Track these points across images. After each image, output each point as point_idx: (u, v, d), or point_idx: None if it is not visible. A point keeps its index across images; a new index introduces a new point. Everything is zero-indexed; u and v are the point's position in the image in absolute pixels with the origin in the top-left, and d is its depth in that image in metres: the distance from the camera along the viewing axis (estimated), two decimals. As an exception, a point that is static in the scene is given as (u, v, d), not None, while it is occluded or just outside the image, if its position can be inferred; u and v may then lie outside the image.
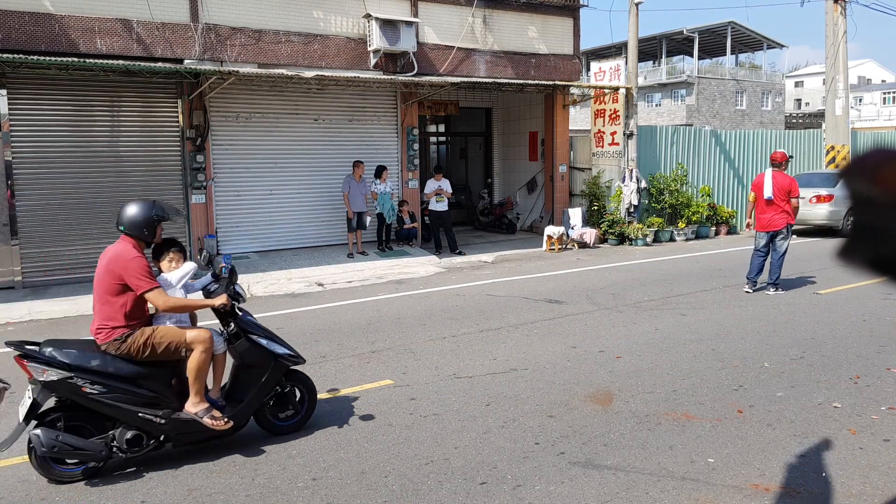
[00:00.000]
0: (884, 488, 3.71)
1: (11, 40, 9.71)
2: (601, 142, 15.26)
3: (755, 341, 6.65)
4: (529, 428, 4.62)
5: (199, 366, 4.22)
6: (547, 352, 6.42)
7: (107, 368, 4.05)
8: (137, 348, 4.11)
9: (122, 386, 4.06)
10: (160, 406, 4.16)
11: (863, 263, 0.83)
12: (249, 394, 4.45)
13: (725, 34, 40.88)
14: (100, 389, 3.99)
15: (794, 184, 8.76)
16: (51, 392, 3.96)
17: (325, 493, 3.79)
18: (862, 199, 0.80)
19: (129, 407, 4.05)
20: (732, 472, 3.93)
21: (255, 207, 12.36)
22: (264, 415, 4.61)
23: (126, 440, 4.07)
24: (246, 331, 4.51)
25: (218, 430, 4.25)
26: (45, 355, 3.95)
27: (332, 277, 10.79)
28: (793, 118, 40.76)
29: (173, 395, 4.27)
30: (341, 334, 7.31)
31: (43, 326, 8.08)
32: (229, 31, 11.28)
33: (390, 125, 13.55)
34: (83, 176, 10.77)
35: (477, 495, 3.71)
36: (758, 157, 17.02)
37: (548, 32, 14.56)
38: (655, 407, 4.97)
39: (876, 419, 4.66)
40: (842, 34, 16.60)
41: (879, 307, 7.92)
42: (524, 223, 16.60)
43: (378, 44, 12.08)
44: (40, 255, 10.47)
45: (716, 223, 15.80)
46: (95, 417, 4.09)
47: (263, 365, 4.49)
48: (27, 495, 3.85)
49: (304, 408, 4.75)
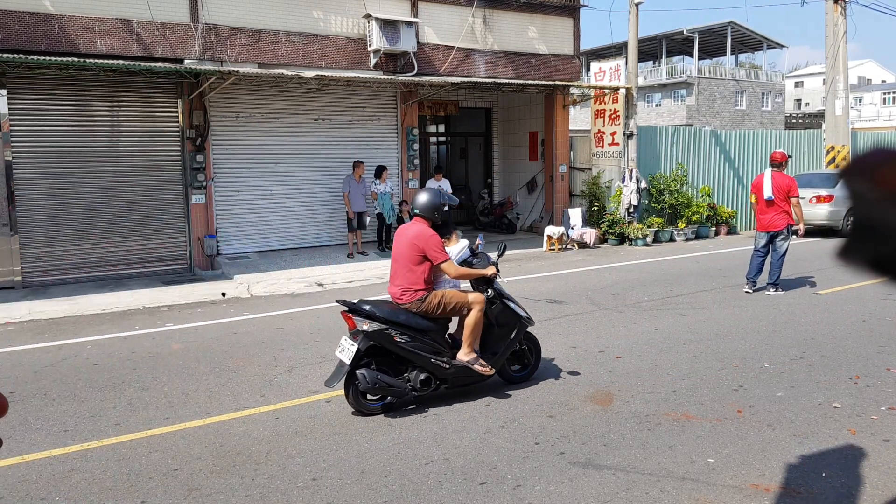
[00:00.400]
0: (884, 488, 3.70)
1: (11, 40, 9.71)
2: (601, 142, 15.26)
3: (755, 341, 6.65)
4: (529, 428, 4.62)
5: (475, 322, 5.15)
6: (547, 352, 6.42)
7: (409, 323, 5.00)
8: (433, 307, 5.07)
9: (419, 337, 5.01)
10: (443, 354, 5.08)
11: (863, 263, 0.83)
12: (501, 347, 5.35)
13: (725, 34, 40.88)
14: (405, 339, 4.94)
15: (794, 184, 8.76)
16: (369, 340, 4.86)
17: (325, 493, 3.78)
18: (862, 200, 0.80)
19: (424, 354, 4.99)
20: (732, 472, 3.93)
21: (255, 207, 12.36)
22: (504, 367, 5.48)
23: (420, 381, 4.99)
24: (502, 295, 5.42)
25: (485, 375, 5.20)
26: (367, 310, 4.92)
27: (332, 277, 10.79)
28: (793, 118, 40.76)
29: (448, 347, 5.20)
30: (341, 334, 7.28)
31: (43, 326, 8.08)
32: (229, 31, 11.28)
33: (390, 125, 13.55)
34: (83, 176, 10.77)
35: (477, 495, 3.71)
36: (758, 157, 17.02)
37: (548, 32, 14.56)
38: (655, 407, 4.97)
39: (876, 419, 4.66)
40: (842, 34, 16.60)
41: (879, 307, 7.92)
42: (524, 223, 16.60)
43: (378, 44, 12.08)
44: (40, 255, 10.47)
45: (716, 223, 15.80)
46: (395, 363, 5.01)
47: (512, 324, 5.39)
48: (27, 495, 3.85)
49: (532, 363, 5.65)
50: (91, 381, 5.86)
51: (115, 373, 6.09)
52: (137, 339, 7.38)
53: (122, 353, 6.75)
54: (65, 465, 4.22)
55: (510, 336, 5.38)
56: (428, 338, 5.05)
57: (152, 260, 11.31)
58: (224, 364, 6.29)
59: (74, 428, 4.81)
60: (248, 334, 7.43)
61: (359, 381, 4.81)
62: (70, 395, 5.52)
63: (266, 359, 6.42)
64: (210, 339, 7.29)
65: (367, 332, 4.85)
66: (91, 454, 4.37)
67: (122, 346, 7.09)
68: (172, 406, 5.22)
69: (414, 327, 5.01)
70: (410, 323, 5.01)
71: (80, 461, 4.27)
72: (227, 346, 6.96)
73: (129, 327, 7.90)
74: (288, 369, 6.08)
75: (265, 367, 6.15)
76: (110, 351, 6.88)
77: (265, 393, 5.47)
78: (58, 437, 4.64)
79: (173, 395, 5.46)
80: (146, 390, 5.60)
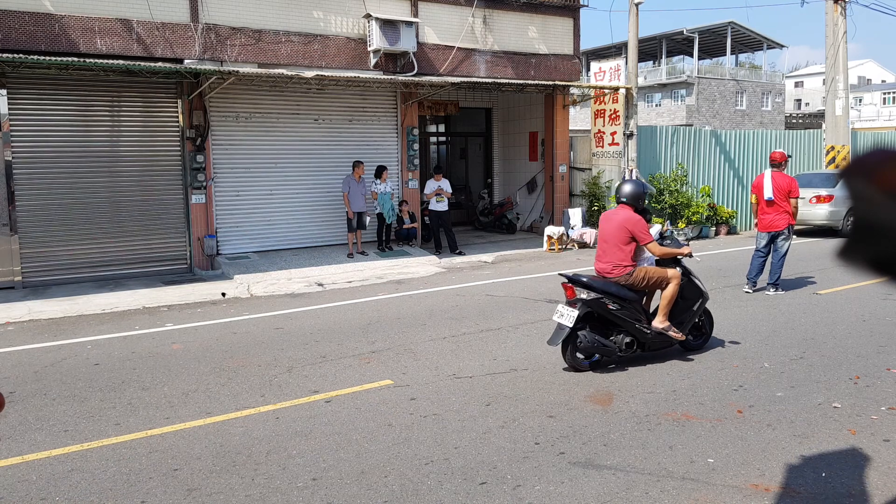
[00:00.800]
0: (884, 488, 3.71)
1: (11, 40, 9.71)
2: (601, 142, 15.26)
3: (755, 341, 6.65)
4: (529, 428, 4.62)
5: (672, 294, 5.92)
6: (547, 352, 6.41)
7: (619, 293, 5.80)
8: (639, 280, 5.87)
9: (626, 305, 5.80)
10: (641, 322, 5.84)
11: (863, 263, 0.83)
12: (686, 317, 6.10)
13: (725, 34, 40.89)
14: (616, 307, 5.75)
15: (794, 184, 8.76)
16: (587, 307, 5.66)
17: (325, 493, 3.78)
18: (862, 200, 0.80)
19: (630, 320, 5.79)
20: (732, 472, 3.93)
21: (255, 207, 12.36)
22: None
23: (625, 343, 5.81)
24: (689, 273, 6.12)
25: (678, 339, 5.98)
26: (585, 282, 5.77)
27: (332, 277, 10.79)
28: (793, 118, 40.75)
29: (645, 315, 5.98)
30: (341, 334, 7.31)
31: (43, 326, 8.08)
32: (229, 31, 11.28)
33: (390, 125, 13.55)
34: (83, 176, 10.77)
35: (477, 495, 3.71)
36: (758, 157, 17.02)
37: (548, 32, 14.56)
38: (655, 407, 4.97)
39: (876, 419, 4.66)
40: (842, 34, 16.60)
41: (879, 307, 7.92)
42: (524, 223, 16.60)
43: (378, 44, 12.08)
44: (40, 255, 10.47)
45: (716, 223, 15.80)
46: (601, 327, 5.78)
47: (696, 298, 6.14)
48: (27, 495, 3.85)
49: (707, 332, 6.41)
50: (91, 381, 5.86)
51: (115, 373, 6.09)
52: (137, 339, 7.38)
53: (122, 353, 6.75)
54: (65, 465, 4.22)
55: (693, 307, 6.13)
56: (632, 307, 5.84)
57: (152, 260, 11.31)
58: (224, 364, 6.29)
59: (74, 428, 4.81)
60: (248, 334, 7.43)
61: (580, 341, 5.65)
62: (70, 395, 5.52)
63: (266, 359, 6.42)
64: (210, 339, 7.30)
65: (586, 301, 5.69)
66: (91, 454, 4.37)
67: (122, 346, 7.09)
68: (172, 406, 5.22)
69: (622, 297, 5.80)
70: (619, 293, 5.80)
71: (80, 461, 4.27)
72: (227, 346, 6.96)
73: (129, 327, 7.90)
74: (288, 369, 6.08)
75: (265, 367, 6.15)
76: (110, 351, 6.88)
77: (265, 393, 5.47)
78: (58, 437, 4.64)
79: (173, 395, 5.46)
80: (146, 390, 5.60)
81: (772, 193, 8.68)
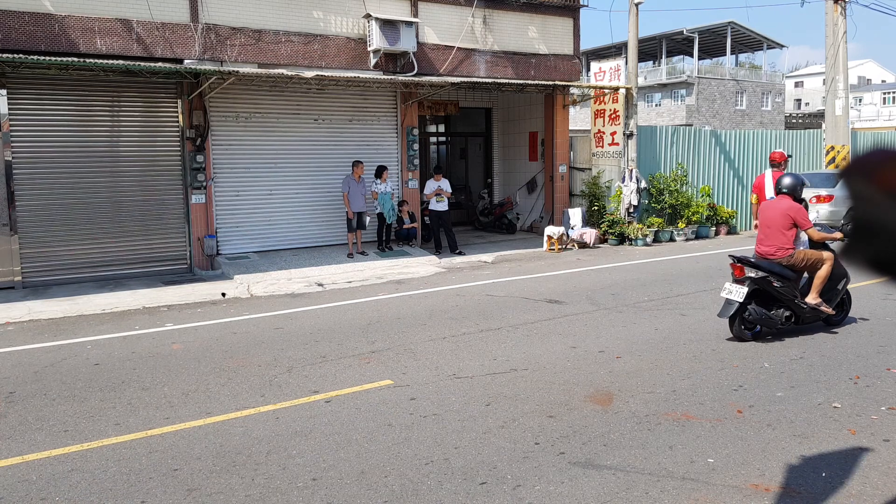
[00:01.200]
0: (884, 488, 3.71)
1: (11, 40, 9.71)
2: (601, 142, 15.26)
3: (755, 341, 6.65)
4: (529, 428, 4.62)
5: (825, 274, 6.64)
6: (547, 352, 6.42)
7: (781, 273, 6.55)
8: (799, 261, 6.61)
9: (787, 283, 6.54)
10: (799, 298, 6.59)
11: (863, 263, 0.83)
12: (832, 295, 6.82)
13: (725, 34, 40.88)
14: (780, 285, 6.49)
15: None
16: (755, 284, 6.42)
17: (325, 493, 3.78)
18: (862, 200, 0.80)
19: (790, 296, 6.54)
20: (732, 472, 3.93)
21: (255, 207, 12.36)
22: None
23: (784, 317, 6.58)
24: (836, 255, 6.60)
25: (828, 314, 6.75)
26: (753, 262, 6.58)
27: (332, 277, 10.79)
28: (793, 118, 40.76)
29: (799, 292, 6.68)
30: (341, 334, 7.31)
31: (43, 326, 8.08)
32: (229, 31, 11.28)
33: (390, 125, 13.55)
34: (83, 176, 10.77)
35: (477, 495, 3.71)
36: (758, 157, 17.02)
37: (548, 32, 14.56)
38: (655, 407, 4.97)
39: (876, 419, 4.66)
40: (842, 34, 16.60)
41: (879, 307, 7.92)
42: (524, 223, 16.60)
43: (378, 44, 12.08)
44: (40, 255, 10.47)
45: (716, 223, 15.79)
46: (762, 303, 6.49)
47: (840, 277, 6.83)
48: (27, 495, 3.85)
49: (847, 309, 7.14)
50: (91, 381, 5.86)
51: (115, 373, 6.09)
52: (137, 339, 7.38)
53: (122, 353, 6.75)
54: (65, 465, 4.22)
55: (838, 286, 6.84)
56: (791, 284, 6.58)
57: (152, 260, 11.31)
58: (224, 364, 6.29)
59: (74, 428, 4.81)
60: (248, 334, 7.43)
61: (749, 314, 6.41)
62: (70, 395, 5.52)
63: (266, 359, 6.42)
64: (210, 339, 7.30)
65: (754, 279, 6.42)
66: (91, 454, 4.37)
67: (122, 346, 7.09)
68: (172, 406, 5.22)
69: (784, 276, 6.54)
70: (782, 273, 6.54)
71: (80, 461, 4.27)
72: (227, 346, 6.96)
73: (129, 327, 7.90)
74: (288, 369, 6.08)
75: (265, 367, 6.15)
76: (110, 351, 6.88)
77: (265, 393, 5.47)
78: (58, 437, 4.64)
79: (173, 395, 5.46)
80: (146, 390, 5.60)
81: (773, 193, 8.67)
